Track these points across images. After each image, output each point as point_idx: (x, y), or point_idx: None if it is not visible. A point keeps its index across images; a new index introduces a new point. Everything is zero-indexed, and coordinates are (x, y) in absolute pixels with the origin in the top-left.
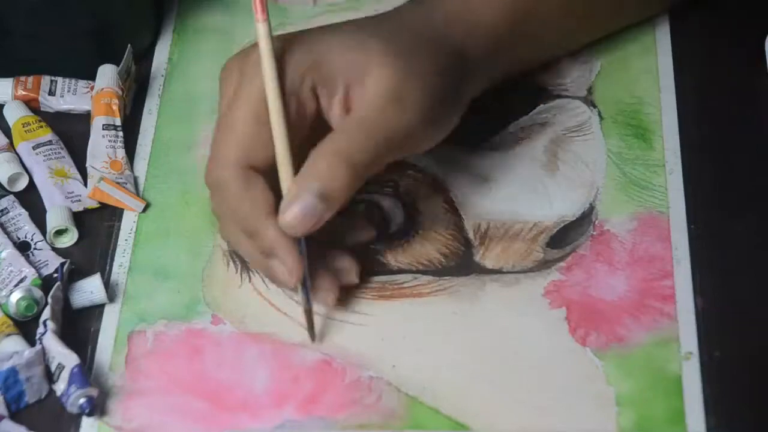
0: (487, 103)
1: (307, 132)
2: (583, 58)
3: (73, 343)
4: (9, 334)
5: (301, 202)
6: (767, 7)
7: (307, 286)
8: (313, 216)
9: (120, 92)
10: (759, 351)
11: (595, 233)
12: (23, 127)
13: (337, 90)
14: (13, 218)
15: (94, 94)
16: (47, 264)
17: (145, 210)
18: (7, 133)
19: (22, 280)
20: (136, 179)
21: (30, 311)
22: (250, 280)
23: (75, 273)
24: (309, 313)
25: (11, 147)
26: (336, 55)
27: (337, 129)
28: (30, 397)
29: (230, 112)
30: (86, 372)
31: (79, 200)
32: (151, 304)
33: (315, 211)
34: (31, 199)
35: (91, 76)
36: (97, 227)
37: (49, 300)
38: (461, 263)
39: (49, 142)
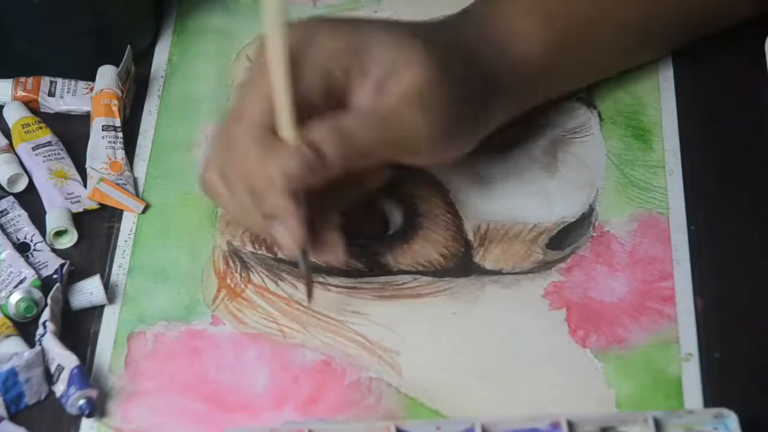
0: None
1: (324, 108)
2: None
3: (72, 344)
4: (8, 336)
5: (300, 153)
6: (767, 8)
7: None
8: (306, 172)
9: (120, 93)
10: (759, 351)
11: (595, 234)
12: (23, 128)
13: (368, 77)
14: (12, 219)
15: (93, 95)
16: (47, 265)
17: (144, 211)
18: (7, 134)
19: (21, 281)
20: (135, 180)
21: (29, 312)
22: (249, 281)
23: (74, 274)
24: (309, 274)
25: (11, 148)
26: (376, 44)
27: (350, 111)
28: (29, 399)
29: (260, 73)
30: (86, 373)
31: (79, 201)
32: (151, 305)
33: (307, 169)
34: (30, 200)
35: (91, 77)
36: (96, 228)
37: (49, 301)
38: (461, 264)
39: (49, 143)
